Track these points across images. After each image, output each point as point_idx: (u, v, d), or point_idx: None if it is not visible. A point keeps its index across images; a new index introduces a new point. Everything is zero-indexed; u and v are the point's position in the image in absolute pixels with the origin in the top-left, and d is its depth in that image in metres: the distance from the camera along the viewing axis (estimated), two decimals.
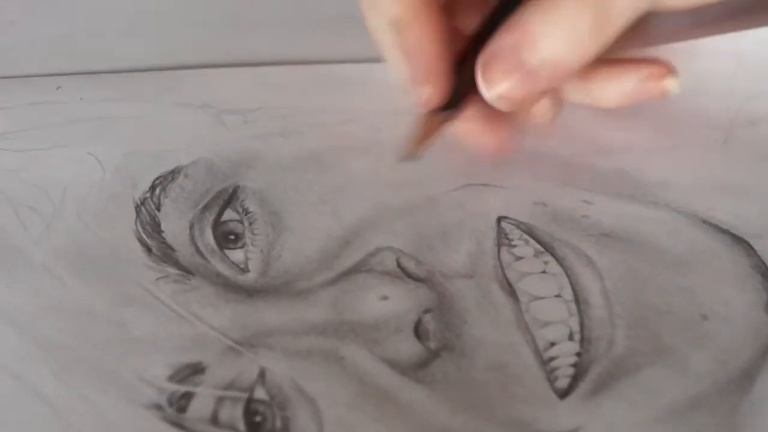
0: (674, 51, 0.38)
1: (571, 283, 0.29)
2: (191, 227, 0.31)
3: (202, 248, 0.30)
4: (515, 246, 0.31)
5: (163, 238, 0.31)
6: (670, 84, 0.31)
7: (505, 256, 0.30)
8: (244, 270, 0.30)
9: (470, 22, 0.32)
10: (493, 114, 0.32)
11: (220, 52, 0.39)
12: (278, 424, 0.25)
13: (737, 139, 0.35)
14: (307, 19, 0.41)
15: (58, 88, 0.37)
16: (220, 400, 0.26)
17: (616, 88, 0.32)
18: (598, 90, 0.32)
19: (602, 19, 0.28)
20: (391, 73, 0.32)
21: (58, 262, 0.30)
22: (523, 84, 0.29)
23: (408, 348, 0.27)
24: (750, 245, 0.30)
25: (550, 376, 0.26)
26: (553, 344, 0.27)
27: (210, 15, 0.41)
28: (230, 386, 0.26)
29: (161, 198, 0.32)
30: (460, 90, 0.31)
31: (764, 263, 0.30)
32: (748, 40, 0.38)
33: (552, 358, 0.27)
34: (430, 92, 0.31)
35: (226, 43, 0.40)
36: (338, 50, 0.40)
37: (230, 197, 0.32)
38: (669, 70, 0.31)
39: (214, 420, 0.25)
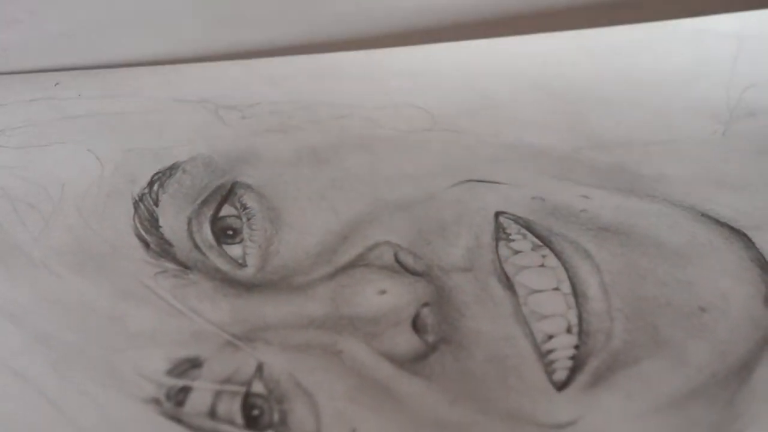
0: (675, 31, 0.38)
1: (569, 277, 0.29)
2: (189, 222, 0.31)
3: (200, 243, 0.30)
4: (513, 240, 0.31)
5: (161, 234, 0.31)
6: None
7: (503, 251, 0.30)
8: (242, 265, 0.30)
9: None
10: None
11: (218, 45, 0.39)
12: (276, 417, 0.25)
13: (736, 131, 0.35)
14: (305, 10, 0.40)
15: (56, 84, 0.37)
16: (218, 394, 0.26)
17: None
18: None
19: None
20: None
21: (58, 259, 0.30)
22: None
23: (406, 341, 0.27)
24: (749, 238, 0.30)
25: (548, 369, 0.26)
26: (551, 337, 0.27)
27: (207, 8, 0.41)
28: (228, 380, 0.26)
29: (159, 194, 0.32)
30: None
31: (763, 256, 0.30)
32: (750, 21, 0.38)
33: (550, 351, 0.27)
34: None
35: (224, 36, 0.40)
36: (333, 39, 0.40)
37: (228, 193, 0.32)
38: None
39: (212, 414, 0.25)
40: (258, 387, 0.26)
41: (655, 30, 0.38)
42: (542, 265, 0.30)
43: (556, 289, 0.29)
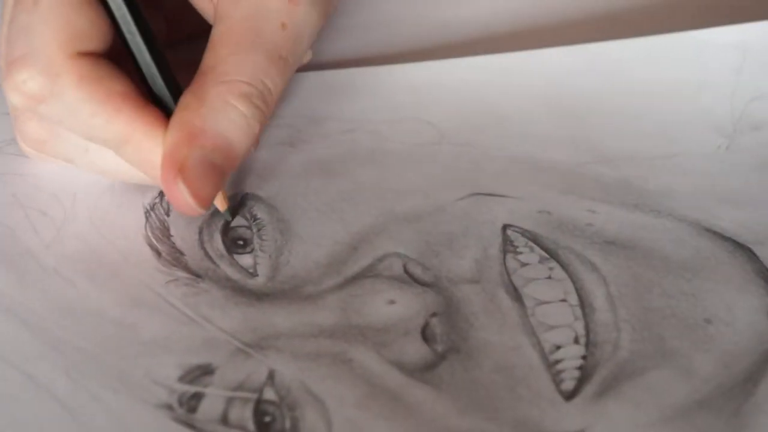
0: (680, 42, 0.38)
1: (576, 288, 0.30)
2: (200, 232, 0.32)
3: (211, 253, 0.31)
4: (521, 253, 0.31)
5: (173, 243, 0.31)
6: None
7: (511, 263, 0.31)
8: (253, 274, 0.30)
9: None
10: None
11: None
12: (287, 424, 0.25)
13: (740, 145, 0.35)
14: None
15: None
16: (229, 401, 0.26)
17: None
18: None
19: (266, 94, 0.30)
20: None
21: (69, 266, 0.30)
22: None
23: (415, 350, 0.28)
24: (753, 252, 0.31)
25: (556, 378, 0.27)
26: (558, 347, 0.28)
27: None
28: (240, 387, 0.26)
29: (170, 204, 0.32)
30: None
31: (767, 269, 0.30)
32: (754, 32, 0.38)
33: (558, 361, 0.27)
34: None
35: None
36: (344, 54, 0.40)
37: (239, 204, 0.33)
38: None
39: (224, 420, 0.26)
40: (269, 394, 0.26)
41: (658, 43, 0.39)
42: (549, 277, 0.30)
43: (563, 300, 0.29)
